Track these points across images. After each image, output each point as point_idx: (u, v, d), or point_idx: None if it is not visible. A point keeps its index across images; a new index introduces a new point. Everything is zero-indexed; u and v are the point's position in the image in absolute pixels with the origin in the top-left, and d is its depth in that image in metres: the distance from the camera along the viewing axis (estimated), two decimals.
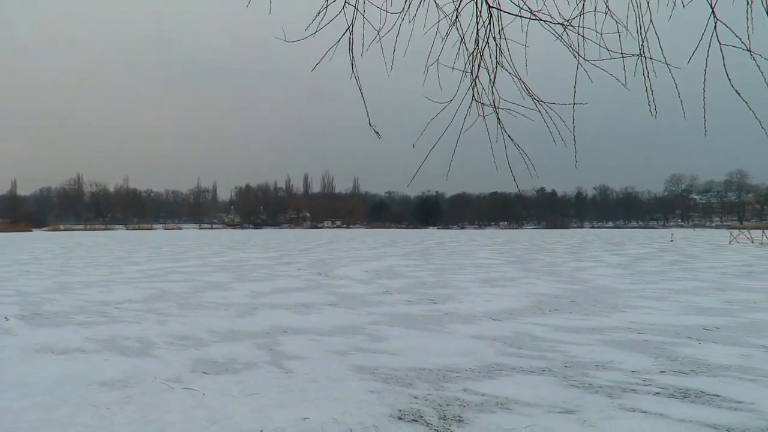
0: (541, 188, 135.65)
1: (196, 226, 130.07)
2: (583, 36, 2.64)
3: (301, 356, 6.45)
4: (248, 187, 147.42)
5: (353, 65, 2.84)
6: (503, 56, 2.75)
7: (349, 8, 2.71)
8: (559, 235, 63.89)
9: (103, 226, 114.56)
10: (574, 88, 2.66)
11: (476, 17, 2.74)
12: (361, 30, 2.73)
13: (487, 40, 2.75)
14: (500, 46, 2.75)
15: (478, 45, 2.77)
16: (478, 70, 2.80)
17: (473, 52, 2.79)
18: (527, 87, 2.70)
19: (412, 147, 2.80)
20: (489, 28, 2.74)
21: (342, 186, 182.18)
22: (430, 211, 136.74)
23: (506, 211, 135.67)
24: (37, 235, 73.96)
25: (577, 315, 9.17)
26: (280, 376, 5.62)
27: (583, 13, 2.64)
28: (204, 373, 5.77)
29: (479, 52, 2.78)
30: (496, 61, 2.76)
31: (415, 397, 4.95)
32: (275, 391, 5.14)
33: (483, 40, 2.76)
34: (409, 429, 4.23)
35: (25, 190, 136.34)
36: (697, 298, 11.05)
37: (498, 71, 2.76)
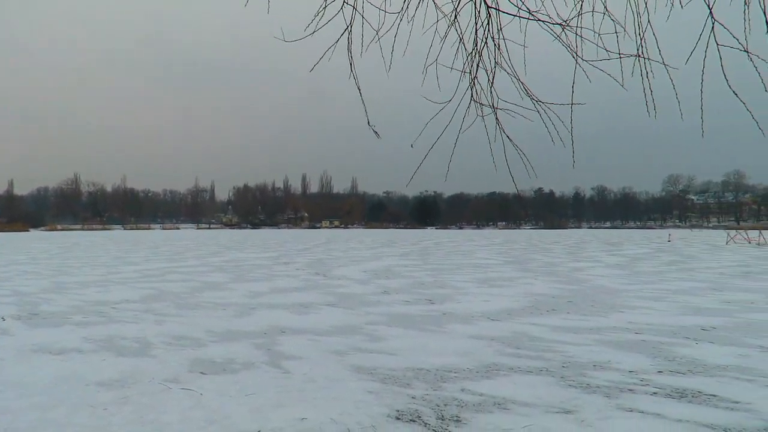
0: (539, 188, 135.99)
1: (194, 226, 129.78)
2: (582, 36, 2.64)
3: (299, 356, 6.44)
4: (246, 187, 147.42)
5: (352, 65, 2.84)
6: (502, 56, 2.75)
7: (348, 8, 2.71)
8: (557, 236, 63.98)
9: (101, 226, 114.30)
10: (573, 88, 2.67)
11: (475, 17, 2.74)
12: (360, 30, 2.73)
13: (486, 41, 2.76)
14: (499, 46, 2.75)
15: (476, 45, 2.78)
16: (477, 70, 2.80)
17: (472, 52, 2.80)
18: (526, 87, 2.71)
19: (410, 147, 2.80)
20: (487, 28, 2.74)
21: (340, 186, 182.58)
22: (428, 211, 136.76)
23: (504, 211, 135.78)
24: (34, 235, 73.78)
25: (575, 315, 9.19)
26: (278, 376, 5.62)
27: (581, 14, 2.65)
28: (201, 373, 5.76)
29: (478, 52, 2.78)
30: (495, 61, 2.76)
31: (413, 397, 4.95)
32: (273, 391, 5.14)
33: (481, 41, 2.76)
34: (407, 429, 4.23)
35: (23, 190, 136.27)
36: (695, 299, 11.08)
37: (496, 71, 2.76)
